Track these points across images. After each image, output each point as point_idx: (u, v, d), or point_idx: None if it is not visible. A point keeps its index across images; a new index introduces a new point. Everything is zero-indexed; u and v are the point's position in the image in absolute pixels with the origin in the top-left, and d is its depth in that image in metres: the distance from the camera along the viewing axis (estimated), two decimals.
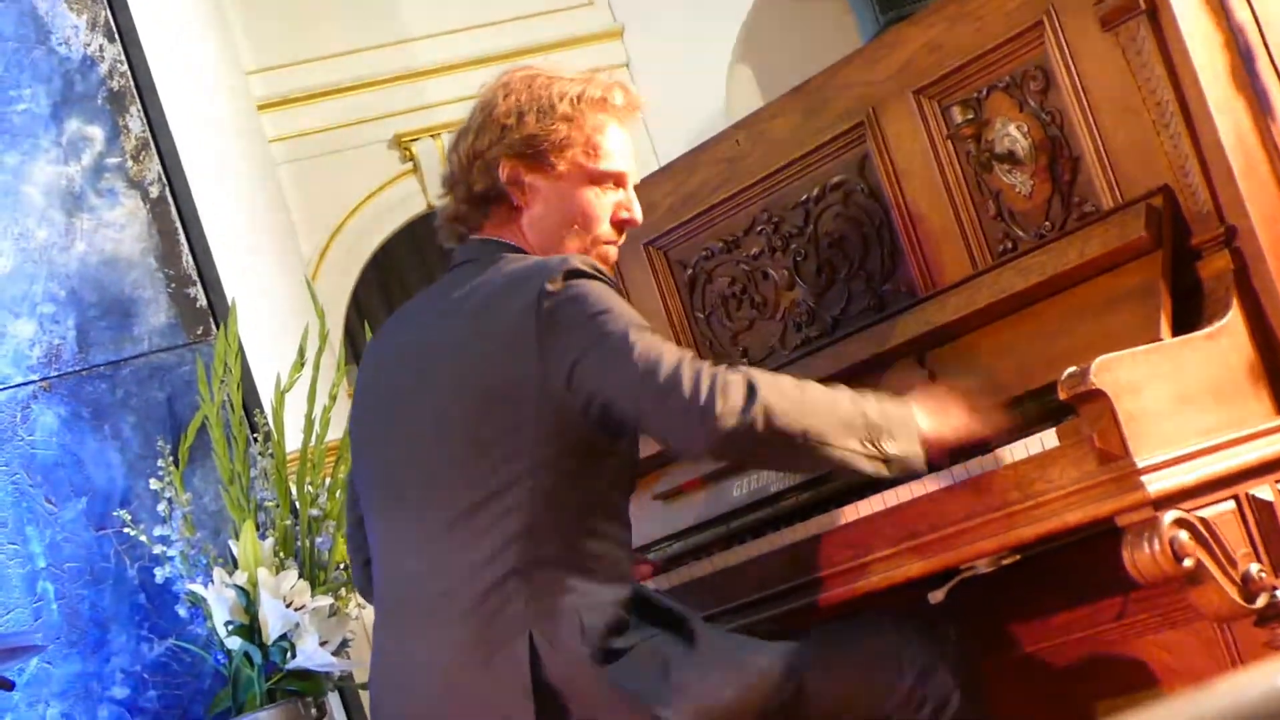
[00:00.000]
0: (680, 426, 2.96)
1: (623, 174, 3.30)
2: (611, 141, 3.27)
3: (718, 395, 2.90)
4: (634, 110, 3.32)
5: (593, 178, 3.25)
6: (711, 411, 2.90)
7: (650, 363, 2.94)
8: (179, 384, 5.34)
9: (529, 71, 3.29)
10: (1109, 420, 2.92)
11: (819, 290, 3.84)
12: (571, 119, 3.22)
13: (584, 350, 2.98)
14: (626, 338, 2.96)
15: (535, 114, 3.22)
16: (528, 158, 3.22)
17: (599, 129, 3.25)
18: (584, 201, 3.25)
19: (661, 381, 2.93)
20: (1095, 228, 3.28)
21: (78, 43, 5.53)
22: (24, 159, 5.36)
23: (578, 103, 3.24)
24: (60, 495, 5.13)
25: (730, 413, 2.90)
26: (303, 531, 4.99)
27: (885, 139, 3.63)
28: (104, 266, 5.38)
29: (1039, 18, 3.34)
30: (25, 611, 5.02)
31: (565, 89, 3.25)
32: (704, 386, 2.91)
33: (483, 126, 3.26)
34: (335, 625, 4.93)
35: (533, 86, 3.25)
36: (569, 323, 3.00)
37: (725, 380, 2.92)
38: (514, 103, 3.23)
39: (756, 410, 2.91)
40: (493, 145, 3.23)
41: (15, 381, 5.17)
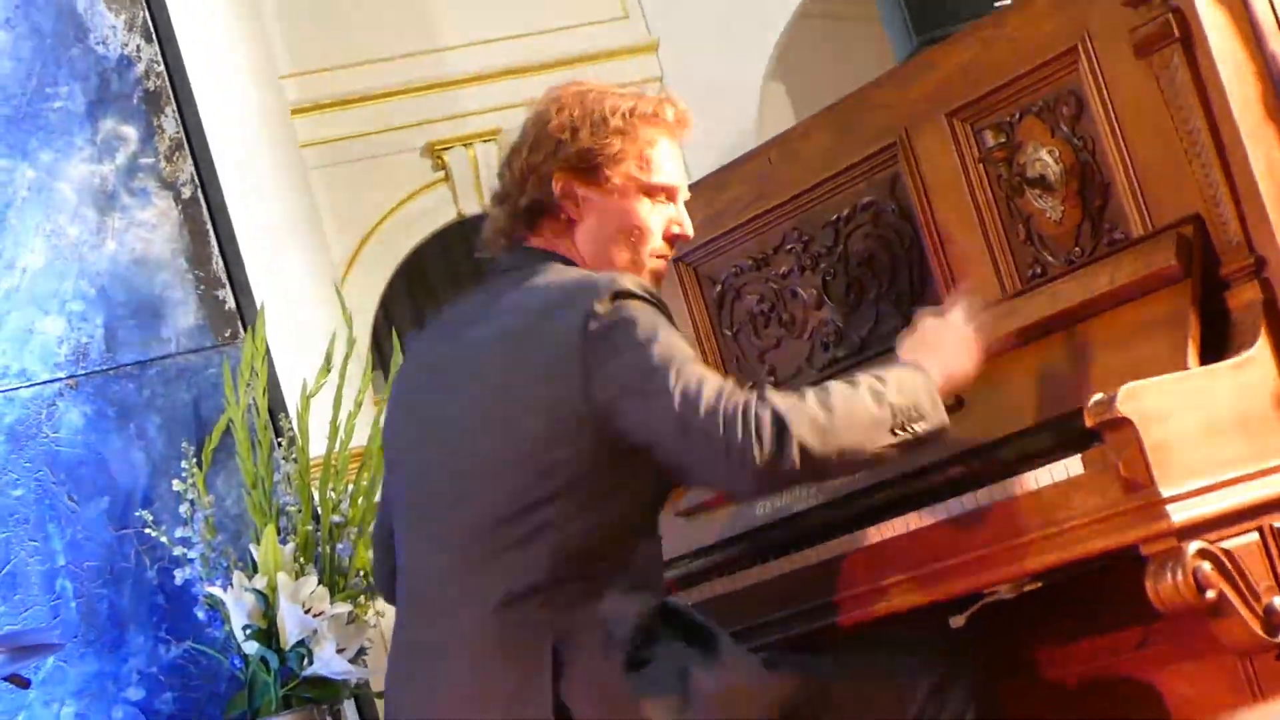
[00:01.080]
0: (720, 475, 3.00)
1: (674, 188, 3.32)
2: (663, 155, 3.29)
3: (753, 444, 2.91)
4: (684, 125, 3.34)
5: (646, 191, 3.27)
6: (750, 460, 2.91)
7: (687, 413, 2.95)
8: (205, 386, 5.36)
9: (579, 86, 3.31)
10: (1135, 449, 2.91)
11: (847, 310, 3.83)
12: (625, 133, 3.24)
13: (626, 385, 2.99)
14: (667, 379, 2.96)
15: (589, 128, 3.23)
16: (582, 171, 3.24)
17: (651, 143, 3.27)
18: (637, 214, 3.26)
19: (698, 433, 2.94)
20: (1125, 255, 3.27)
21: (115, 42, 5.56)
22: (58, 156, 5.38)
23: (630, 116, 3.25)
24: (83, 493, 5.15)
25: (767, 459, 2.91)
26: (324, 537, 4.99)
27: (917, 160, 3.63)
28: (134, 266, 5.40)
29: (1073, 43, 3.34)
30: (43, 609, 5.03)
31: (618, 103, 3.27)
32: (738, 436, 2.91)
33: (537, 141, 3.27)
34: (353, 633, 4.93)
35: (585, 101, 3.27)
36: (614, 349, 3.01)
37: (759, 421, 2.92)
38: (567, 117, 3.25)
39: (793, 452, 2.92)
40: (547, 159, 3.24)
41: (42, 378, 5.19)
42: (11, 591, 4.98)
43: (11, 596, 4.98)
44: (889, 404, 3.02)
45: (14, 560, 5.01)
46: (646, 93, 3.36)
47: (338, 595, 4.92)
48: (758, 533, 3.71)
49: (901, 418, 3.03)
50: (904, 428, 3.03)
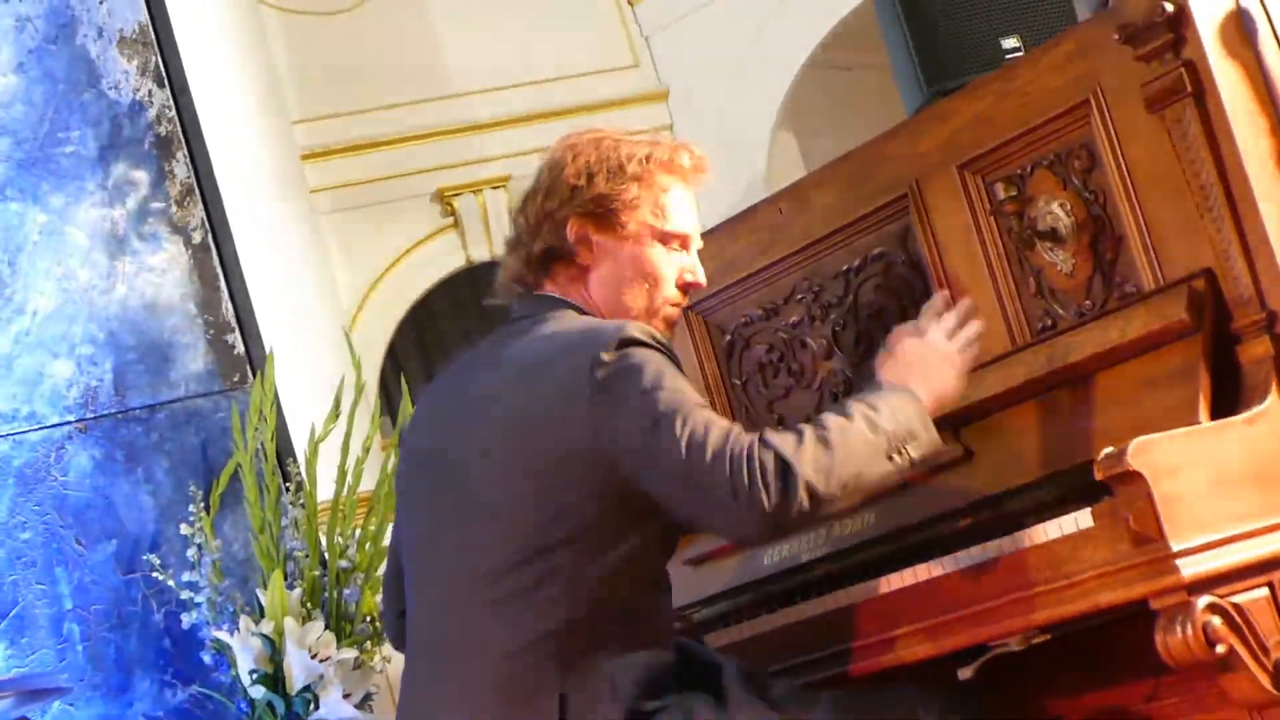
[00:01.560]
0: (728, 522, 2.99)
1: (688, 235, 3.32)
2: (678, 202, 3.29)
3: (760, 491, 2.90)
4: (700, 172, 3.34)
5: (660, 237, 3.27)
6: (756, 504, 2.91)
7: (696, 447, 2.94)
8: (214, 430, 5.36)
9: (595, 134, 3.31)
10: (1145, 502, 2.91)
11: (857, 361, 3.83)
12: (641, 179, 3.24)
13: (632, 432, 2.98)
14: (674, 428, 2.95)
15: (605, 174, 3.23)
16: (597, 217, 3.23)
17: (666, 189, 3.27)
18: (651, 261, 3.26)
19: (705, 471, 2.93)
20: (1136, 308, 3.27)
21: (127, 87, 5.57)
22: (69, 201, 5.40)
23: (646, 163, 3.25)
24: (90, 537, 5.15)
25: (774, 504, 2.91)
26: (331, 583, 4.99)
27: (928, 212, 3.63)
28: (144, 310, 5.41)
29: (1085, 96, 3.34)
30: (50, 652, 5.02)
31: (633, 150, 3.26)
32: (744, 480, 2.90)
33: (552, 187, 3.26)
34: (360, 678, 4.93)
35: (600, 147, 3.26)
36: (620, 397, 3.00)
37: (763, 467, 2.91)
38: (583, 163, 3.25)
39: (800, 495, 2.92)
40: (562, 205, 3.24)
41: (51, 421, 5.19)
42: (19, 634, 4.98)
43: (19, 639, 4.97)
44: (883, 431, 3.03)
45: (21, 603, 5.01)
46: (662, 139, 3.34)
47: (344, 640, 4.92)
48: (765, 582, 3.71)
49: (897, 442, 3.03)
50: (899, 452, 3.03)
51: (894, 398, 3.09)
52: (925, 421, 3.08)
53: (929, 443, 3.08)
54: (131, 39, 5.63)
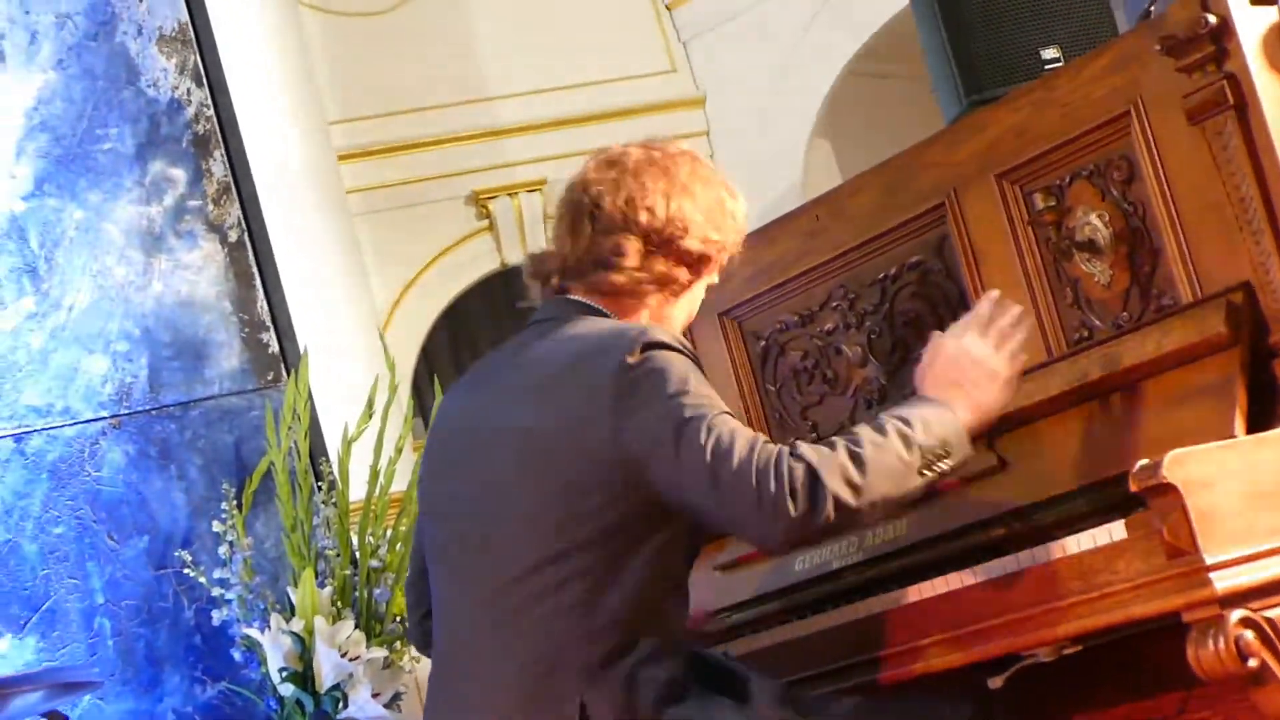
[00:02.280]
0: (753, 527, 2.96)
1: None
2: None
3: (787, 499, 2.89)
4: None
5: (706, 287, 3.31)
6: (782, 512, 2.89)
7: (719, 467, 2.93)
8: (247, 428, 5.38)
9: (692, 164, 3.27)
10: (1179, 515, 2.90)
11: (891, 368, 3.83)
12: (724, 248, 3.26)
13: (657, 436, 2.97)
14: (698, 433, 2.95)
15: (704, 223, 3.22)
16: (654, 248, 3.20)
17: (725, 249, 3.28)
18: (694, 303, 3.30)
19: (731, 487, 2.92)
20: (1173, 321, 3.27)
21: (166, 85, 5.59)
22: (106, 197, 5.42)
23: (725, 221, 3.26)
24: (123, 532, 5.17)
25: (801, 513, 2.90)
26: (361, 582, 5.00)
27: (965, 221, 3.63)
28: (179, 308, 5.43)
29: (1126, 108, 3.34)
30: (81, 647, 5.04)
31: (734, 208, 3.27)
32: (771, 489, 2.90)
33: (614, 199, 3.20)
34: (389, 678, 4.94)
35: (703, 188, 3.24)
36: (645, 400, 2.99)
37: (791, 476, 2.90)
38: (660, 193, 3.20)
39: (827, 506, 2.91)
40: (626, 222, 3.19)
41: (85, 417, 5.21)
42: (50, 628, 5.00)
43: (50, 633, 4.99)
44: (917, 446, 3.01)
45: (53, 597, 5.03)
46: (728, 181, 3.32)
47: (374, 640, 4.93)
48: (795, 588, 3.70)
49: (930, 458, 3.01)
50: (931, 467, 3.02)
51: (930, 411, 3.07)
52: (961, 438, 3.05)
53: (961, 454, 3.06)
54: (171, 37, 5.65)
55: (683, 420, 2.96)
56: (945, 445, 3.03)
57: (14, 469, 5.09)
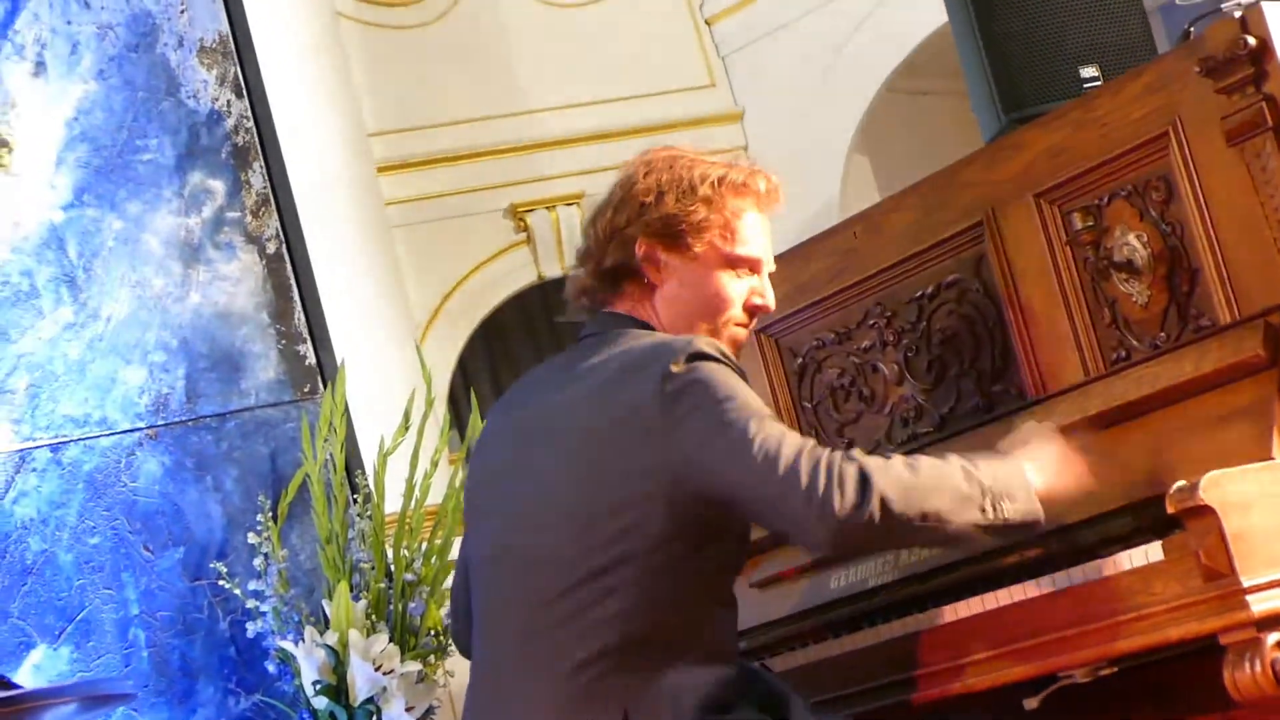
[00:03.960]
0: (800, 523, 2.95)
1: (758, 260, 3.30)
2: (749, 227, 3.27)
3: (834, 492, 2.89)
4: (775, 198, 3.32)
5: (728, 261, 3.26)
6: (830, 509, 2.89)
7: (770, 458, 2.93)
8: (283, 440, 5.39)
9: (672, 151, 3.31)
10: (1216, 537, 2.90)
11: (928, 387, 3.84)
12: (711, 201, 3.23)
13: (704, 438, 2.98)
14: (747, 429, 2.96)
15: (675, 194, 3.23)
16: (665, 237, 3.23)
17: (738, 213, 3.26)
18: (717, 284, 3.26)
19: (780, 478, 2.92)
20: (1211, 342, 3.27)
21: (206, 96, 5.62)
22: (146, 208, 5.44)
23: (719, 186, 3.24)
24: (158, 543, 5.18)
25: (848, 509, 2.89)
26: (396, 595, 5.01)
27: (1004, 240, 3.63)
28: (217, 319, 5.45)
29: (1165, 128, 3.34)
30: (115, 657, 5.06)
31: (707, 171, 3.26)
32: (820, 483, 2.90)
33: (622, 202, 3.27)
34: (422, 692, 4.94)
35: (675, 166, 3.26)
36: (691, 407, 3.00)
37: (841, 473, 2.91)
38: (654, 181, 3.25)
39: (874, 504, 2.90)
40: (631, 222, 3.24)
41: (122, 427, 5.23)
42: (85, 639, 5.02)
43: (85, 644, 5.01)
44: (978, 481, 3.00)
45: (88, 608, 5.05)
46: (739, 162, 3.34)
47: (408, 654, 4.94)
48: (833, 606, 3.71)
49: (991, 498, 3.00)
50: (994, 507, 2.99)
51: (997, 461, 3.08)
52: (1028, 489, 3.04)
53: (1027, 507, 3.03)
54: (211, 48, 5.68)
55: (730, 423, 2.98)
56: (1010, 494, 3.02)
57: (51, 479, 5.11)
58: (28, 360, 5.19)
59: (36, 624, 4.99)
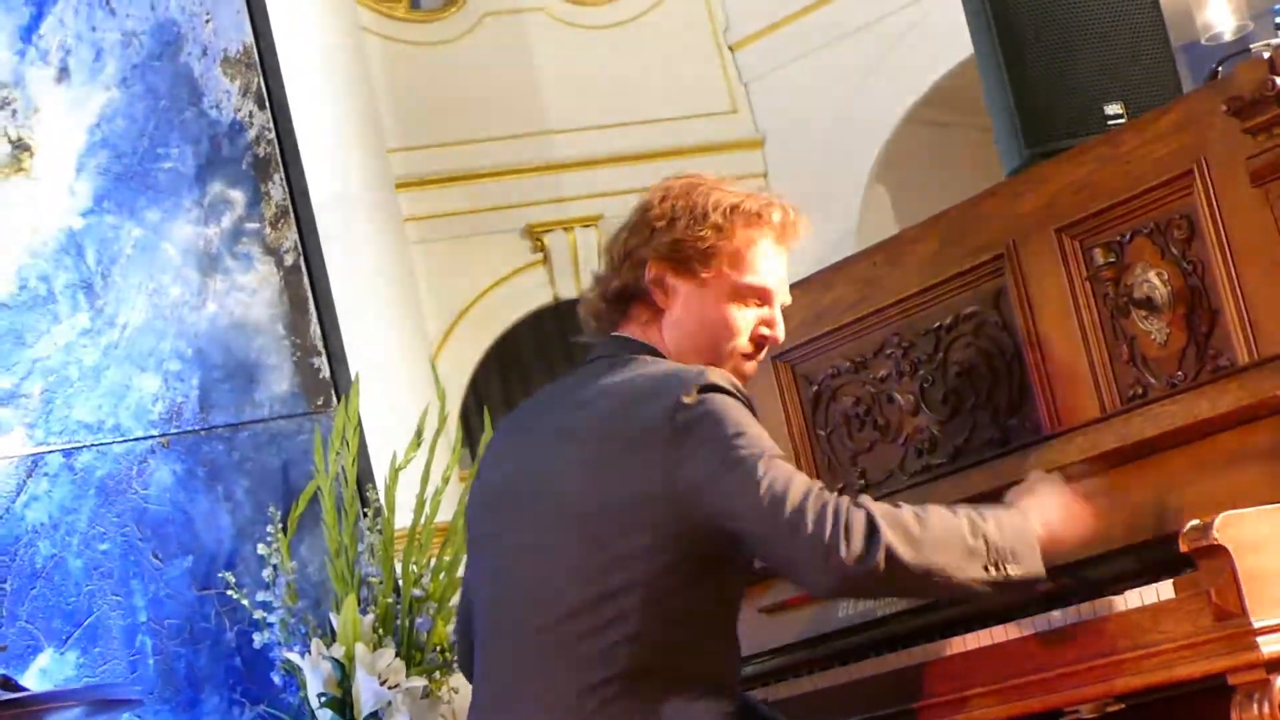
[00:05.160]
0: (803, 568, 2.96)
1: (768, 290, 3.27)
2: (760, 257, 3.25)
3: (841, 539, 2.89)
4: (792, 231, 3.29)
5: (736, 290, 3.24)
6: (836, 555, 2.89)
7: (777, 498, 2.93)
8: (295, 452, 5.40)
9: (692, 179, 3.29)
10: (1228, 577, 2.90)
11: (943, 418, 3.84)
12: (721, 229, 3.21)
13: (712, 474, 2.98)
14: (756, 469, 2.95)
15: (687, 219, 3.21)
16: (674, 261, 3.22)
17: (749, 243, 3.24)
18: (724, 313, 3.24)
19: (787, 519, 2.92)
20: (1229, 382, 3.27)
21: (228, 107, 5.63)
22: (165, 216, 5.45)
23: (730, 214, 3.22)
24: (167, 551, 5.19)
25: (854, 557, 2.89)
26: (404, 611, 5.01)
27: (1024, 274, 3.63)
28: (232, 329, 5.45)
29: (1189, 167, 3.34)
30: (122, 664, 5.06)
31: (721, 199, 3.24)
32: (827, 528, 2.90)
33: (637, 226, 3.26)
34: (427, 708, 4.94)
35: (691, 193, 3.25)
36: (700, 440, 2.99)
37: (849, 520, 2.91)
38: (669, 206, 3.24)
39: (879, 554, 2.90)
40: (642, 245, 3.23)
41: (135, 435, 5.24)
42: (92, 644, 5.02)
43: (91, 649, 5.02)
44: (984, 537, 3.00)
45: (96, 613, 5.05)
46: (761, 192, 3.32)
47: (414, 669, 4.94)
48: (839, 635, 3.70)
49: (996, 555, 3.00)
50: (998, 566, 3.00)
51: (1006, 515, 3.07)
52: (1032, 546, 3.05)
53: (1031, 567, 3.04)
54: (235, 59, 5.69)
55: (738, 460, 2.97)
56: (1016, 552, 3.02)
57: (62, 484, 5.12)
58: (43, 365, 5.20)
59: (44, 628, 4.99)
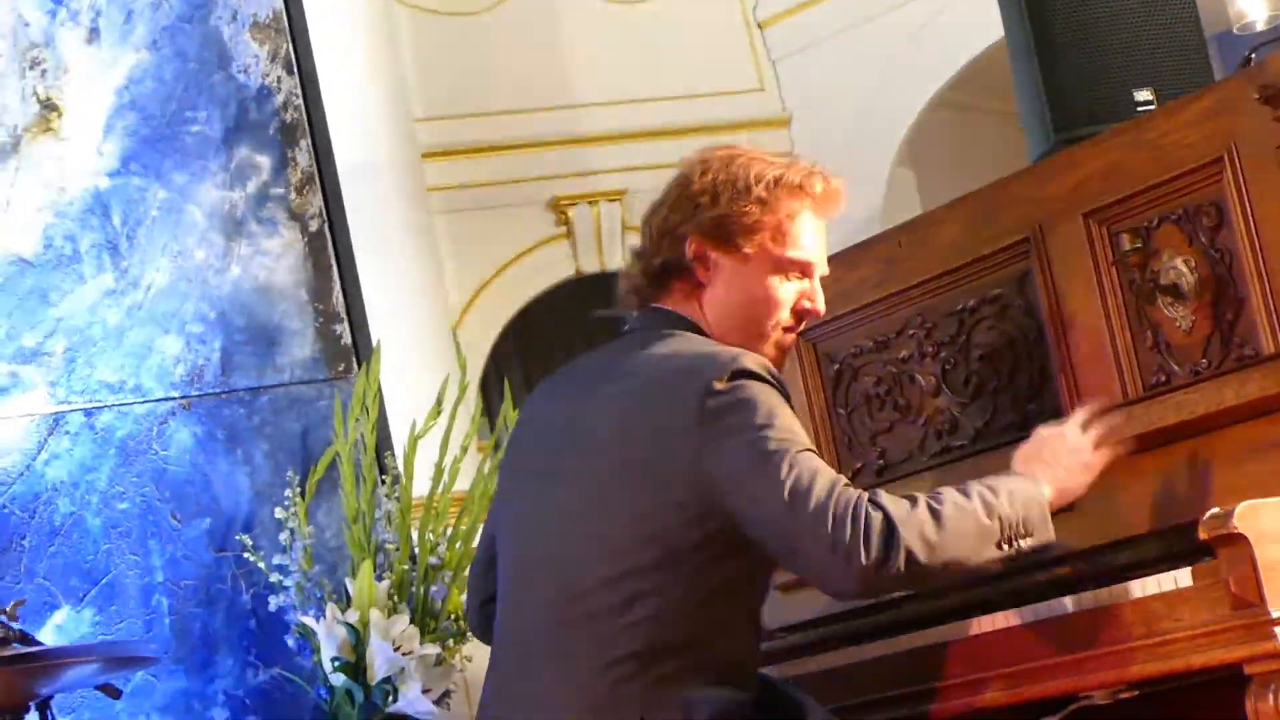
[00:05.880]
0: (822, 570, 2.94)
1: (809, 263, 3.25)
2: (802, 229, 3.22)
3: (860, 544, 2.87)
4: (833, 200, 3.26)
5: (778, 264, 3.21)
6: (854, 558, 2.87)
7: (800, 493, 2.91)
8: (315, 418, 5.40)
9: (730, 151, 3.26)
10: (1247, 566, 2.89)
11: (964, 400, 3.83)
12: (765, 203, 3.18)
13: (737, 464, 2.96)
14: (781, 464, 2.93)
15: (730, 194, 3.18)
16: (716, 236, 3.19)
17: (792, 216, 3.21)
18: (767, 287, 3.21)
19: (808, 518, 2.90)
20: (1253, 371, 3.25)
21: (256, 72, 5.63)
22: (191, 179, 5.45)
23: (774, 187, 3.19)
24: (186, 513, 5.20)
25: (873, 563, 2.87)
26: (419, 578, 5.02)
27: (1049, 258, 3.62)
28: (256, 293, 5.46)
29: (1220, 154, 3.32)
30: (138, 623, 5.07)
31: (763, 171, 3.20)
32: (847, 533, 2.88)
33: (677, 201, 3.23)
34: (440, 675, 4.95)
35: (731, 166, 3.21)
36: (730, 428, 2.97)
37: (868, 524, 2.88)
38: (709, 181, 3.20)
39: (899, 559, 2.88)
40: (684, 221, 3.20)
41: (156, 396, 5.25)
42: (108, 603, 5.03)
43: (108, 607, 5.03)
44: (999, 516, 2.99)
45: (114, 572, 5.06)
46: (799, 161, 3.29)
47: (427, 636, 4.94)
48: (855, 614, 3.69)
49: (1010, 532, 3.00)
50: (1010, 542, 3.00)
51: (1017, 485, 3.06)
52: (1044, 514, 3.05)
53: (1043, 537, 3.04)
54: (264, 24, 5.69)
55: (765, 453, 2.95)
56: (1028, 522, 3.02)
57: (83, 443, 5.13)
58: (66, 324, 5.20)
59: (61, 585, 5.01)
